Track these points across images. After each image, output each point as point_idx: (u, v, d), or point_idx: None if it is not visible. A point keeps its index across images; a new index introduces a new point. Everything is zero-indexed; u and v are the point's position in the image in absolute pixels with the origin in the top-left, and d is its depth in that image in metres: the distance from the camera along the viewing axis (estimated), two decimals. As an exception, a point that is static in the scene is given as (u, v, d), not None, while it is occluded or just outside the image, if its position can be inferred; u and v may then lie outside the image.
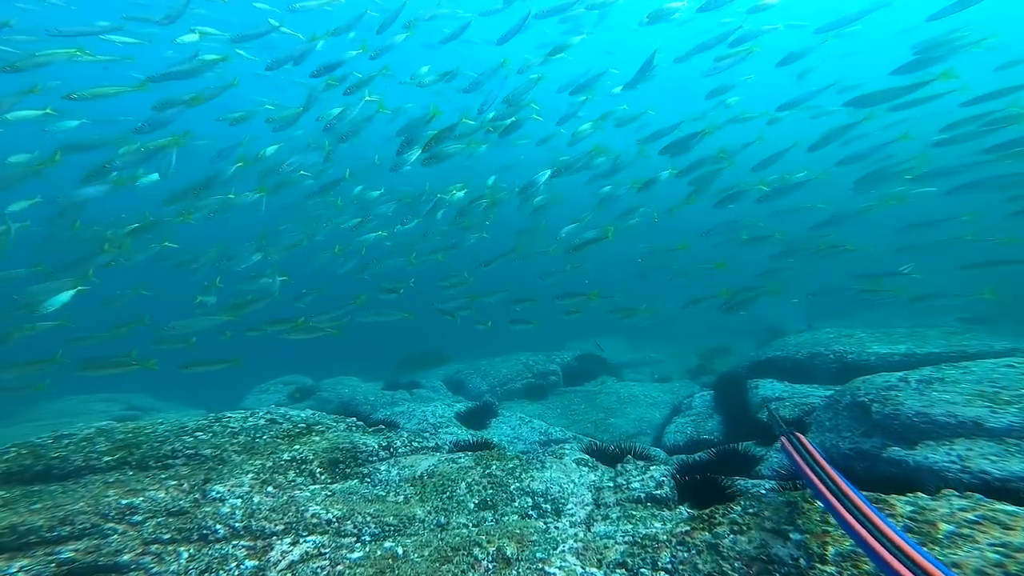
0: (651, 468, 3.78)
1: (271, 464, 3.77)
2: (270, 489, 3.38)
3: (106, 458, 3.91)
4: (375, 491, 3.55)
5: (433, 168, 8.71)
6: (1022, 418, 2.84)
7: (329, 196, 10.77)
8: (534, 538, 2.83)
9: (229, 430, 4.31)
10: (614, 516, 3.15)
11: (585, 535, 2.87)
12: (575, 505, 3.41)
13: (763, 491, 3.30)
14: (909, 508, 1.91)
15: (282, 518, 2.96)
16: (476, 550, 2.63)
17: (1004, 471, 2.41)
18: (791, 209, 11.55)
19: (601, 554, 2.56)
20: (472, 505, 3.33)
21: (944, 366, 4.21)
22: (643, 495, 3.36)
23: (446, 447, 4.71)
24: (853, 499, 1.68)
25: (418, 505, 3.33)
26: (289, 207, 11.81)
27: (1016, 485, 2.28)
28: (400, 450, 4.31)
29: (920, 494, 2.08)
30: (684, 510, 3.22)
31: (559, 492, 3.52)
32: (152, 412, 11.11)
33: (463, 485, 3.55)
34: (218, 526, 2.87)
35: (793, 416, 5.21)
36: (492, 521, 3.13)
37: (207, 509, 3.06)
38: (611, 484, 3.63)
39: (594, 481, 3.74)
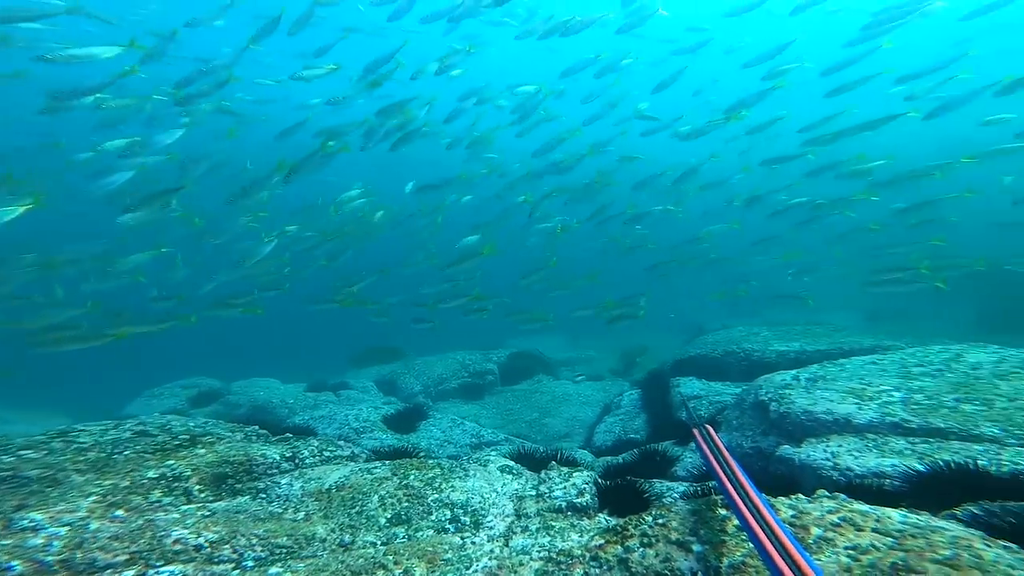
0: (574, 475, 3.85)
1: (127, 484, 3.32)
2: (119, 513, 2.95)
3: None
4: (270, 508, 3.27)
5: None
6: (879, 414, 3.23)
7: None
8: (447, 556, 2.75)
9: (75, 446, 3.77)
10: (534, 528, 3.16)
11: (502, 551, 2.84)
12: (495, 517, 3.38)
13: (676, 496, 3.49)
14: (791, 512, 2.08)
15: (128, 546, 2.59)
16: (380, 573, 2.51)
17: (863, 467, 2.72)
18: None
19: (516, 572, 2.54)
20: (384, 520, 3.17)
21: (827, 363, 4.72)
22: (564, 504, 3.41)
23: (363, 455, 4.50)
24: (753, 498, 1.79)
25: (320, 522, 3.11)
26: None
27: (871, 481, 2.58)
28: (308, 461, 4.02)
29: (800, 496, 2.27)
30: (603, 518, 3.31)
31: (480, 503, 3.47)
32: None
33: (375, 498, 3.39)
34: (15, 562, 2.43)
35: (708, 415, 5.61)
36: (404, 538, 3.00)
37: (5, 543, 2.61)
38: (533, 493, 3.64)
39: (517, 490, 3.74)
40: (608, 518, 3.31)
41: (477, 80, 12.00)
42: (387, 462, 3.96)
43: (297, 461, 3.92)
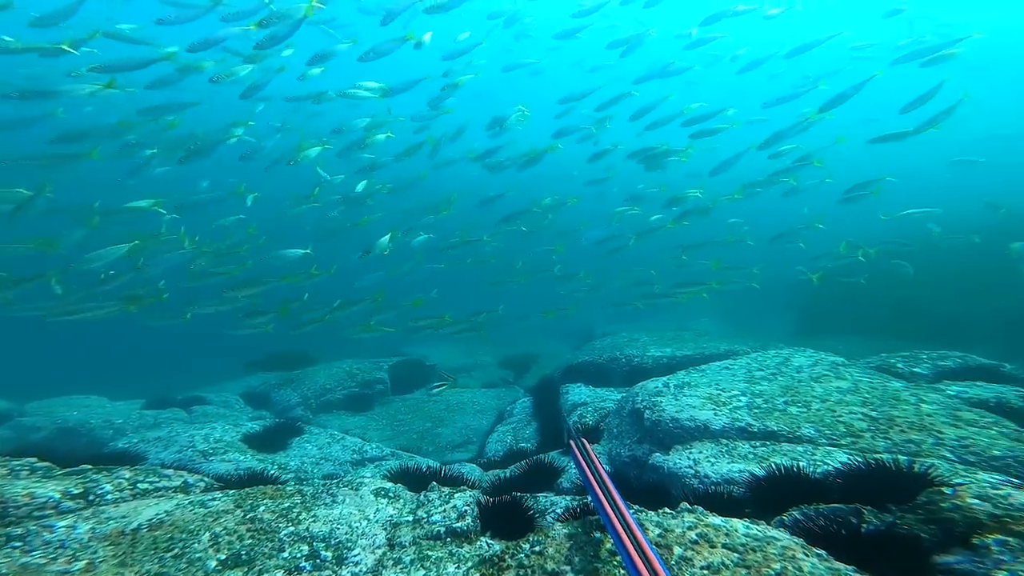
0: (455, 496, 3.65)
1: None
2: None
3: None
4: (24, 560, 2.52)
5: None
6: (730, 419, 3.62)
7: None
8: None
9: None
10: (408, 559, 2.89)
11: (368, 597, 2.53)
12: (364, 549, 3.02)
13: (558, 511, 3.49)
14: (657, 531, 2.14)
15: None
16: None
17: (717, 474, 3.00)
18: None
19: (381, 623, 2.26)
20: (214, 564, 2.61)
21: (692, 370, 5.23)
22: (443, 529, 3.19)
23: (200, 485, 3.77)
24: (626, 518, 1.86)
25: (112, 572, 2.46)
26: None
27: (723, 488, 2.85)
28: (110, 496, 3.21)
29: (666, 510, 2.37)
30: (485, 543, 3.15)
31: (347, 534, 3.08)
32: None
33: (206, 537, 2.79)
34: None
35: (593, 422, 5.86)
36: (241, 587, 2.51)
37: None
38: (410, 518, 3.36)
39: (392, 516, 3.42)
40: (490, 542, 3.17)
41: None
42: (232, 492, 3.34)
43: (92, 498, 3.12)
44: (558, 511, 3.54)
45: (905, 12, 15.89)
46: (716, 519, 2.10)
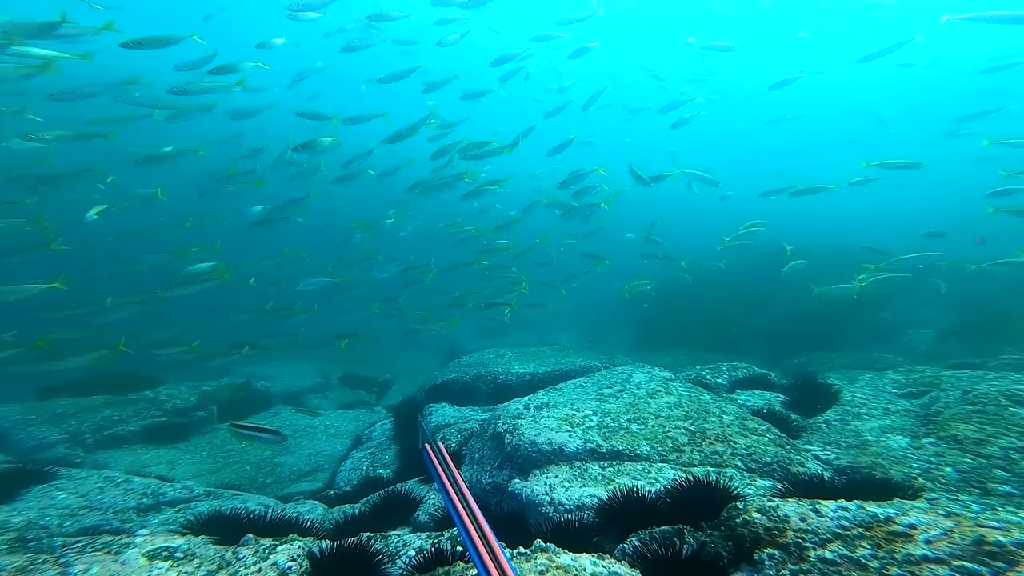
0: (277, 549, 3.09)
1: None
2: None
3: None
4: None
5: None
6: (583, 440, 3.84)
7: None
8: None
9: None
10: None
11: None
12: None
13: (410, 556, 3.21)
14: (510, 576, 2.05)
15: None
16: None
17: (570, 500, 3.12)
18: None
19: None
20: None
21: (551, 389, 5.47)
22: (262, 603, 2.64)
23: None
24: (479, 519, 1.96)
25: None
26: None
27: (575, 516, 2.96)
28: None
29: (521, 549, 2.30)
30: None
31: None
32: None
33: None
34: None
35: (456, 445, 5.69)
36: None
37: None
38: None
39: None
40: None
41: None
42: None
43: None
44: (410, 555, 3.26)
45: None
46: (567, 558, 2.11)
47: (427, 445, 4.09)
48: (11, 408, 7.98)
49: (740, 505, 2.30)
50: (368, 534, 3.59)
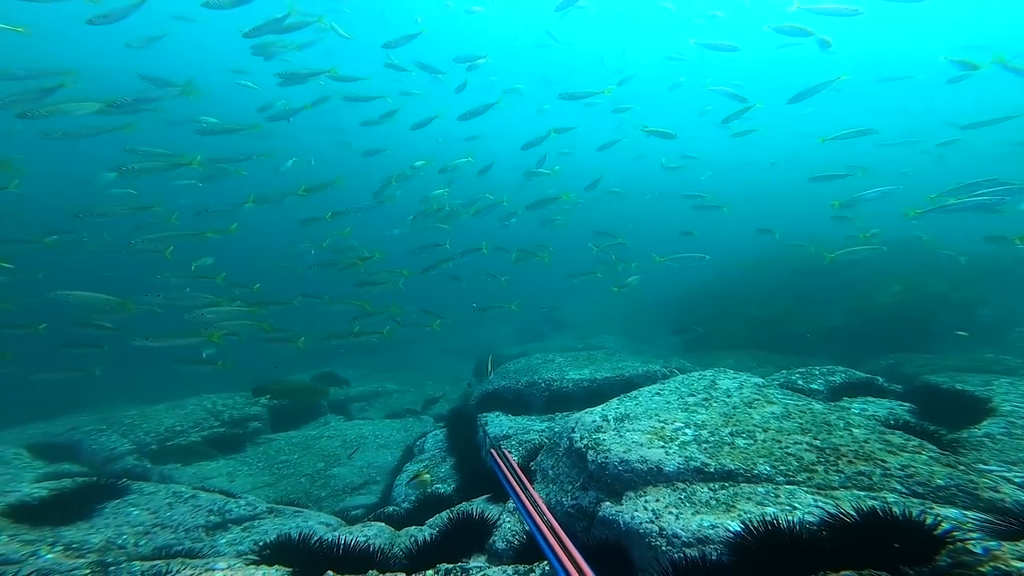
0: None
1: None
2: None
3: None
4: None
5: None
6: (683, 458, 3.36)
7: None
8: None
9: None
10: None
11: None
12: None
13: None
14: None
15: None
16: None
17: (687, 531, 2.64)
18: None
19: None
20: None
21: (625, 398, 5.00)
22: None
23: None
24: (572, 551, 2.00)
25: None
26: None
27: (697, 551, 2.49)
28: None
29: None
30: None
31: None
32: None
33: None
34: None
35: (520, 459, 5.30)
36: None
37: None
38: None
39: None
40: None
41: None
42: None
43: None
44: (501, 593, 2.89)
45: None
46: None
47: (493, 451, 3.83)
48: (83, 418, 8.21)
49: (976, 549, 1.81)
50: (446, 567, 3.25)
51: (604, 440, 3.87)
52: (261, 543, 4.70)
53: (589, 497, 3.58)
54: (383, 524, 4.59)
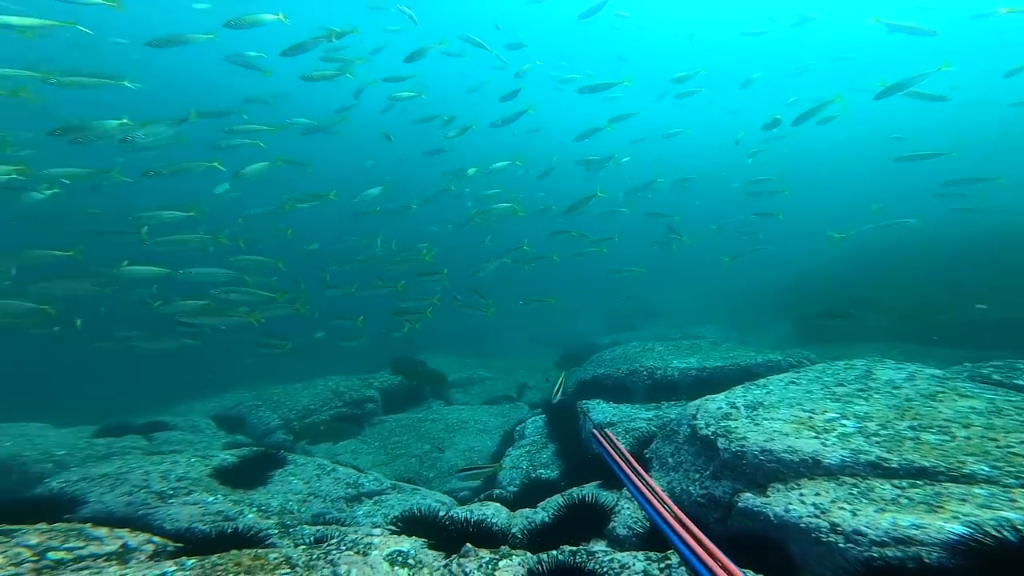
0: (500, 564, 2.77)
1: None
2: None
3: None
4: None
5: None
6: (849, 450, 2.86)
7: None
8: None
9: None
10: None
11: None
12: None
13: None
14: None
15: None
16: None
17: (875, 528, 2.20)
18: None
19: None
20: None
21: (750, 386, 4.47)
22: (495, 622, 2.31)
23: (147, 549, 2.76)
24: (675, 509, 2.01)
25: None
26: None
27: (898, 552, 2.05)
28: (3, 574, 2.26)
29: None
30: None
31: None
32: None
33: None
34: None
35: (629, 446, 5.04)
36: None
37: None
38: (446, 605, 2.47)
39: (420, 601, 2.53)
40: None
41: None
42: (190, 561, 2.38)
43: None
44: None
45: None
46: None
47: (595, 432, 3.68)
48: (244, 395, 9.53)
49: None
50: (569, 548, 3.14)
51: (737, 428, 3.47)
52: (390, 516, 5.00)
53: (723, 487, 3.23)
54: (498, 504, 4.64)
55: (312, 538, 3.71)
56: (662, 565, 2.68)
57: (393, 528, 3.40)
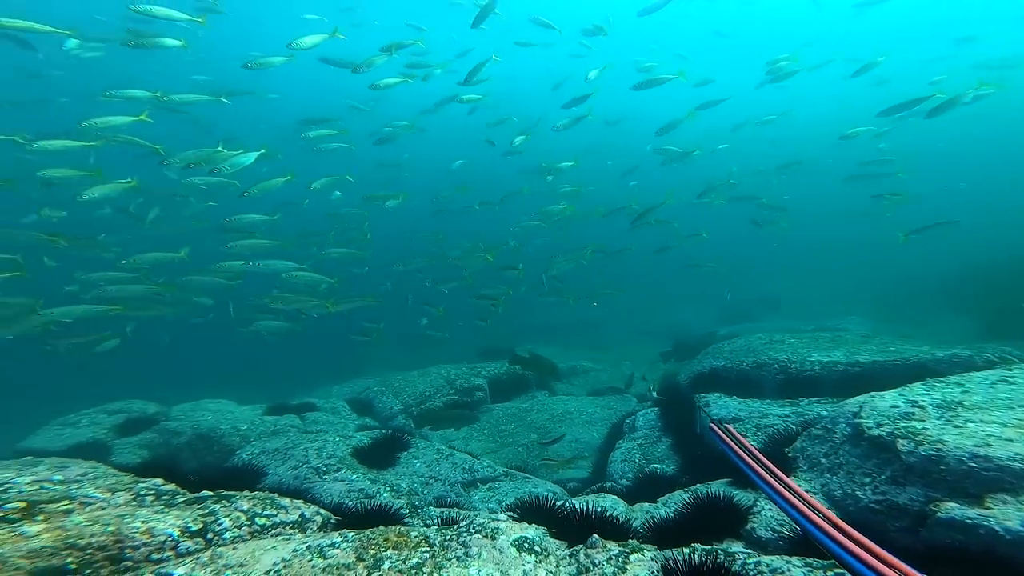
0: (630, 559, 2.60)
1: None
2: None
3: None
4: None
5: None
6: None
7: None
8: None
9: None
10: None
11: None
12: None
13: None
14: None
15: None
16: None
17: None
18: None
19: None
20: None
21: (936, 382, 3.62)
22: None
23: (317, 520, 3.11)
24: (827, 513, 2.08)
25: None
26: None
27: None
28: (228, 535, 2.66)
29: None
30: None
31: None
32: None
33: None
34: None
35: (761, 445, 4.44)
36: None
37: None
38: (574, 593, 2.38)
39: (546, 584, 2.47)
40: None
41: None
42: (351, 534, 2.63)
43: (210, 537, 2.59)
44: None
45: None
46: None
47: (714, 426, 3.69)
48: (370, 380, 10.60)
49: None
50: (703, 547, 2.84)
51: (926, 429, 2.82)
52: (504, 502, 5.15)
53: (909, 494, 2.64)
54: (615, 497, 4.45)
55: (438, 519, 3.91)
56: (830, 575, 2.27)
57: (513, 515, 3.42)
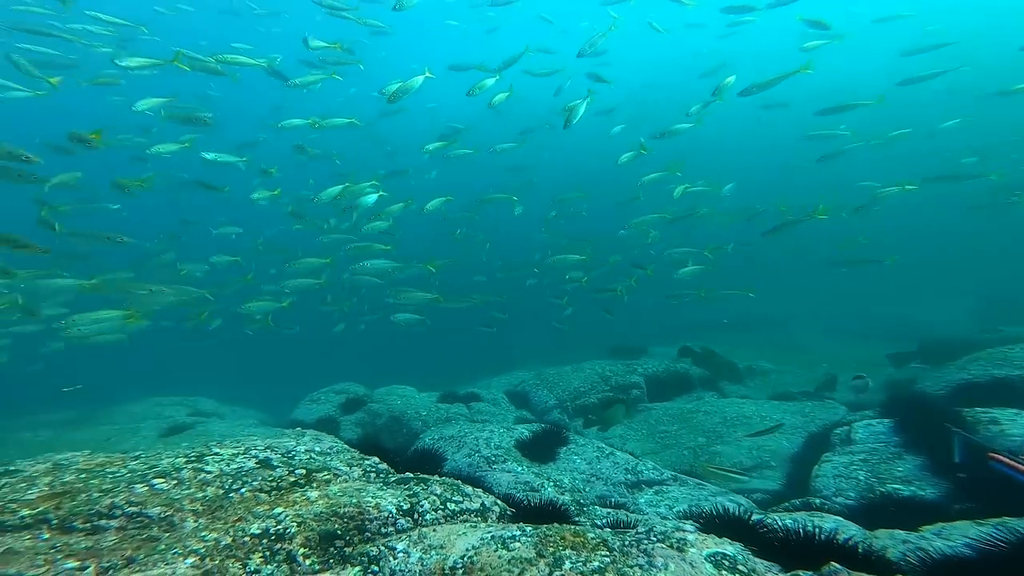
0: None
1: (229, 541, 2.50)
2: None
3: (25, 512, 2.78)
4: None
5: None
6: None
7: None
8: None
9: (201, 478, 3.12)
10: None
11: None
12: None
13: None
14: None
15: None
16: None
17: None
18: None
19: None
20: None
21: None
22: None
23: (495, 510, 3.11)
24: None
25: None
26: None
27: None
28: (428, 517, 2.84)
29: None
30: None
31: None
32: (211, 419, 10.43)
33: None
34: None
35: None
36: None
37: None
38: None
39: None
40: None
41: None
42: (528, 528, 2.57)
43: (416, 516, 2.81)
44: None
45: None
46: None
47: (998, 457, 3.02)
48: (527, 373, 10.84)
49: None
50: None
51: None
52: (676, 509, 4.65)
53: None
54: (837, 517, 3.47)
55: (606, 520, 3.65)
56: None
57: (696, 524, 2.89)
